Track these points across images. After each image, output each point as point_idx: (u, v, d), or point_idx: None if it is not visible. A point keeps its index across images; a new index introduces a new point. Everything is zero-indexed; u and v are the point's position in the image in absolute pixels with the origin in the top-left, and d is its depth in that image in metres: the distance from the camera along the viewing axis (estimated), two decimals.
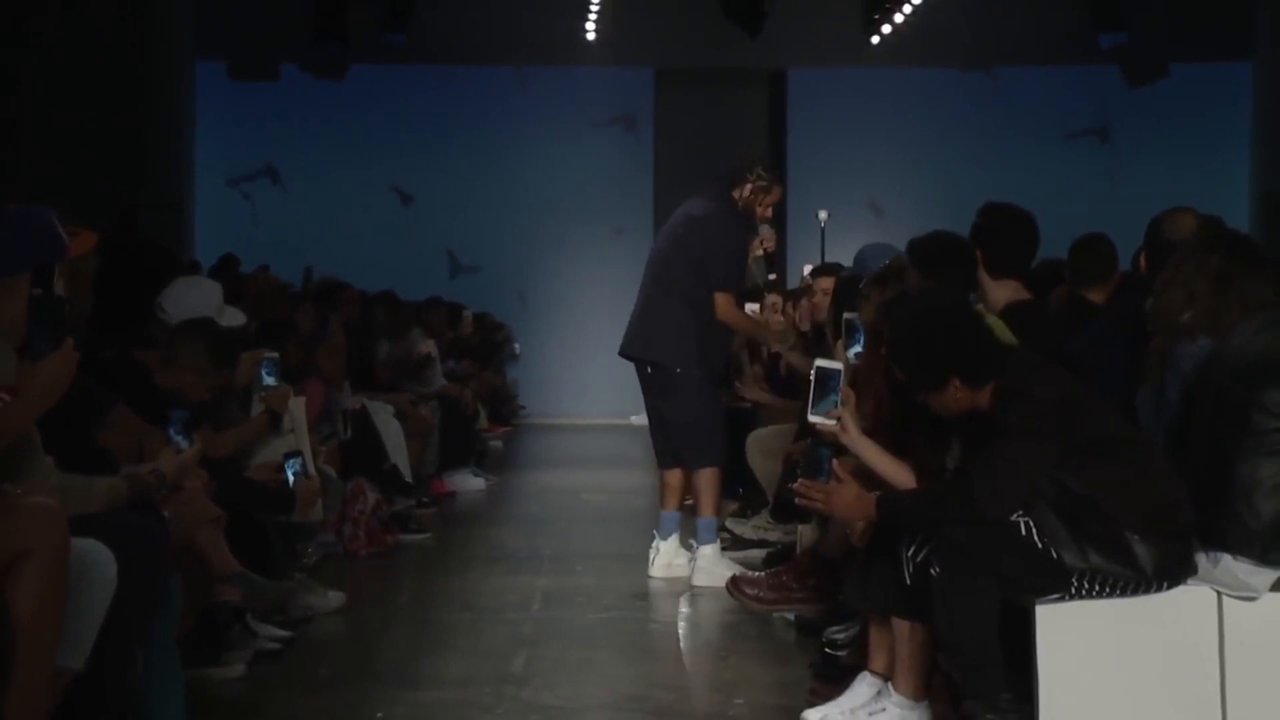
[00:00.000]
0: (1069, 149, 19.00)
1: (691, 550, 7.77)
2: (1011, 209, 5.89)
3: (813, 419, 4.90)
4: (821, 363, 4.95)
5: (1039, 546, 4.40)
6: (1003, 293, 5.70)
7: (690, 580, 7.65)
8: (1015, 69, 19.05)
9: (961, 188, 16.10)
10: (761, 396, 8.58)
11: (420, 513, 9.78)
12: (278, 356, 6.97)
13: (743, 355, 10.27)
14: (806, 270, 11.13)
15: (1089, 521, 4.40)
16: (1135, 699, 4.48)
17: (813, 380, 4.88)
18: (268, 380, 6.78)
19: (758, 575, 6.50)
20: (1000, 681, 4.41)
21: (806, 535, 6.61)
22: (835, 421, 4.84)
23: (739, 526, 8.65)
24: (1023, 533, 4.41)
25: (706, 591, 7.38)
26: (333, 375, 8.86)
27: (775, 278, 8.53)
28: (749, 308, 9.81)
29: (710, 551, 7.69)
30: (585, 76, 19.05)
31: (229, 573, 5.75)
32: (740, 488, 8.93)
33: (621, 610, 7.24)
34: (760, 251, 8.26)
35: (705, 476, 7.80)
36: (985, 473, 4.42)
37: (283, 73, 18.75)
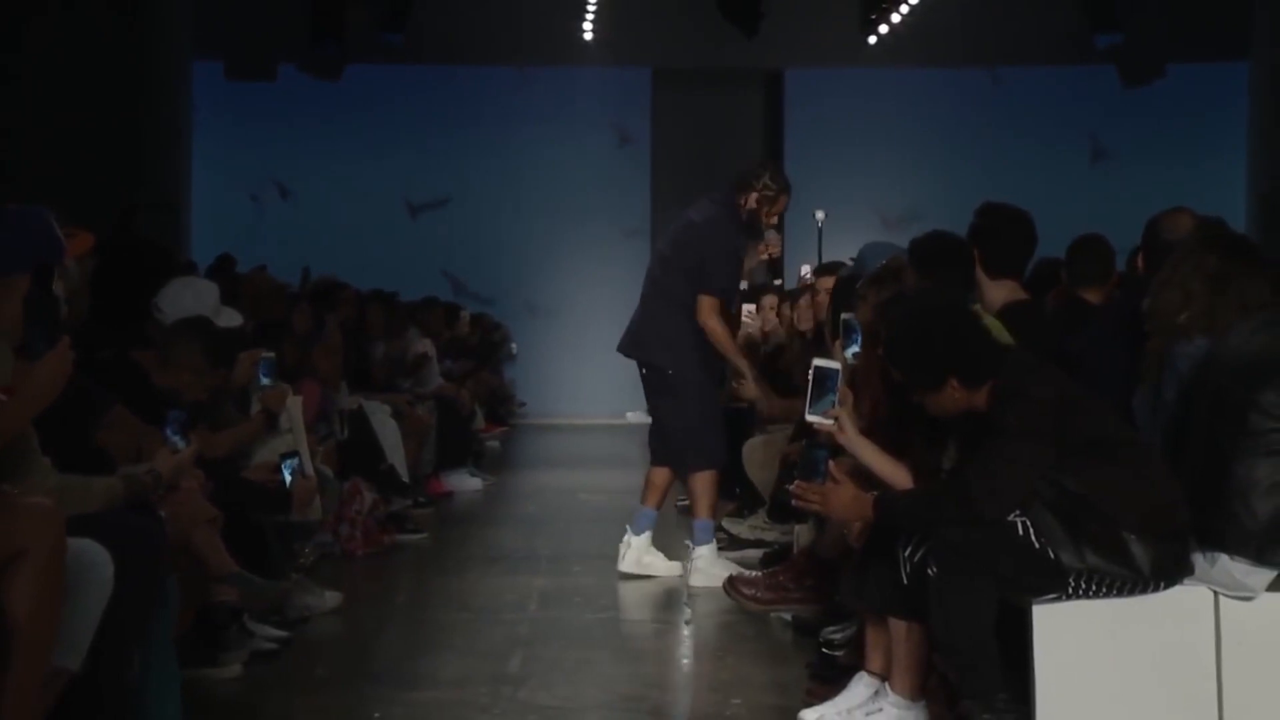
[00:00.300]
0: (1065, 149, 19.00)
1: (687, 551, 7.77)
2: (1009, 209, 5.89)
3: (810, 418, 4.90)
4: (820, 362, 4.95)
5: (1036, 546, 4.40)
6: (1000, 293, 5.70)
7: (687, 581, 7.65)
8: (1012, 69, 19.06)
9: (959, 188, 16.11)
10: (757, 396, 8.56)
11: (417, 513, 9.78)
12: (274, 356, 6.97)
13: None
14: (804, 270, 11.12)
15: (1086, 521, 4.40)
16: (1132, 699, 4.48)
17: (811, 380, 4.88)
18: (264, 380, 6.78)
19: (755, 575, 6.51)
20: (997, 681, 4.41)
21: (803, 535, 6.61)
22: (833, 421, 4.84)
23: (736, 526, 8.66)
24: (1020, 533, 4.41)
25: (704, 592, 7.38)
26: (329, 375, 8.86)
27: (780, 283, 8.51)
28: (745, 309, 9.82)
29: (707, 552, 7.69)
30: (582, 77, 19.05)
31: (226, 573, 5.75)
32: (737, 488, 8.93)
33: (618, 610, 7.24)
34: (765, 256, 8.24)
35: (701, 479, 7.79)
36: (982, 473, 4.42)
37: (280, 73, 18.75)
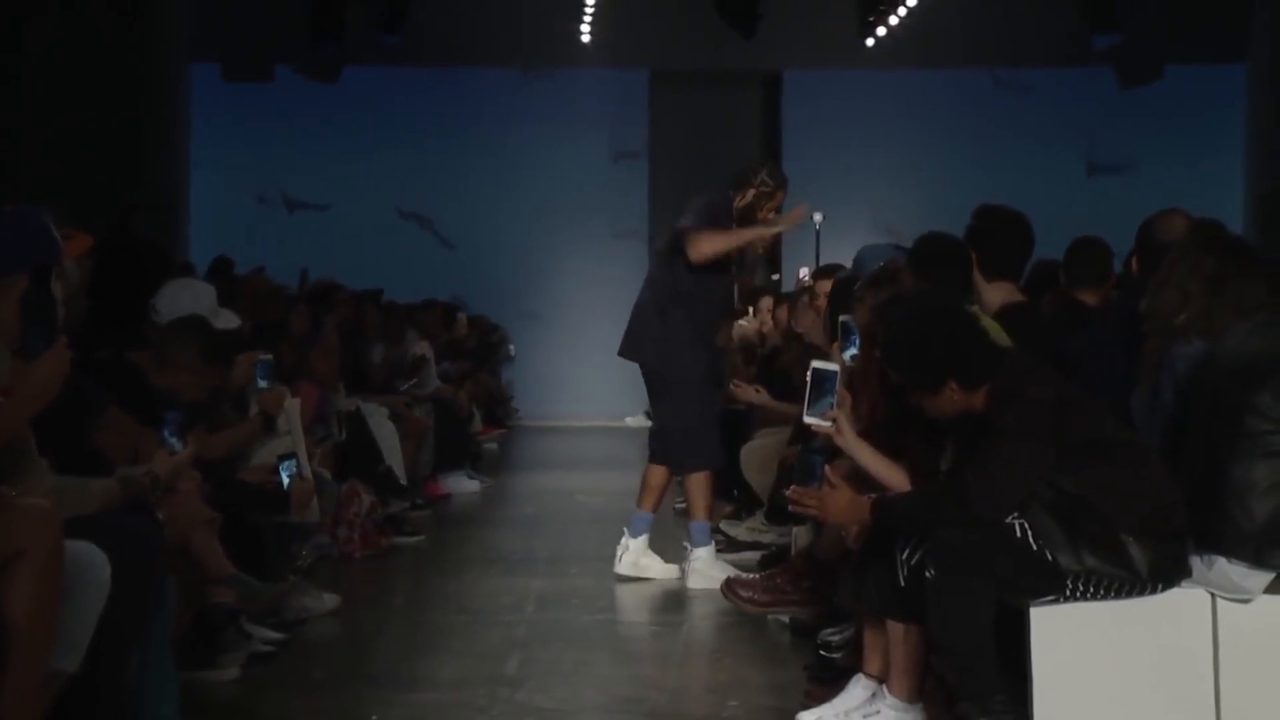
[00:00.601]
0: (1063, 151, 19.00)
1: (685, 553, 7.77)
2: (1006, 211, 5.89)
3: (808, 420, 4.91)
4: (818, 364, 4.95)
5: (1033, 548, 4.40)
6: (997, 294, 5.71)
7: (685, 583, 7.65)
8: (1010, 71, 19.06)
9: (957, 189, 16.10)
10: (755, 398, 8.58)
11: (415, 515, 9.78)
12: (272, 358, 6.97)
13: (737, 357, 10.27)
14: (802, 273, 11.12)
15: (1084, 523, 4.40)
16: (1129, 701, 4.48)
17: (809, 382, 4.89)
18: (262, 382, 6.77)
19: (752, 577, 6.50)
20: (995, 683, 4.41)
21: (801, 537, 6.61)
22: (830, 423, 4.84)
23: (733, 528, 8.65)
24: (1017, 535, 4.41)
25: (701, 594, 7.38)
26: (327, 377, 8.86)
27: (778, 277, 8.47)
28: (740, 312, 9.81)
29: (705, 554, 7.69)
30: (580, 78, 19.05)
31: (223, 575, 5.75)
32: (735, 490, 8.93)
33: (616, 612, 7.24)
34: (761, 251, 8.22)
35: (696, 481, 7.79)
36: (981, 474, 4.42)
37: (277, 74, 18.75)
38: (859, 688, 4.87)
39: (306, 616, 6.68)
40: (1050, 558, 4.39)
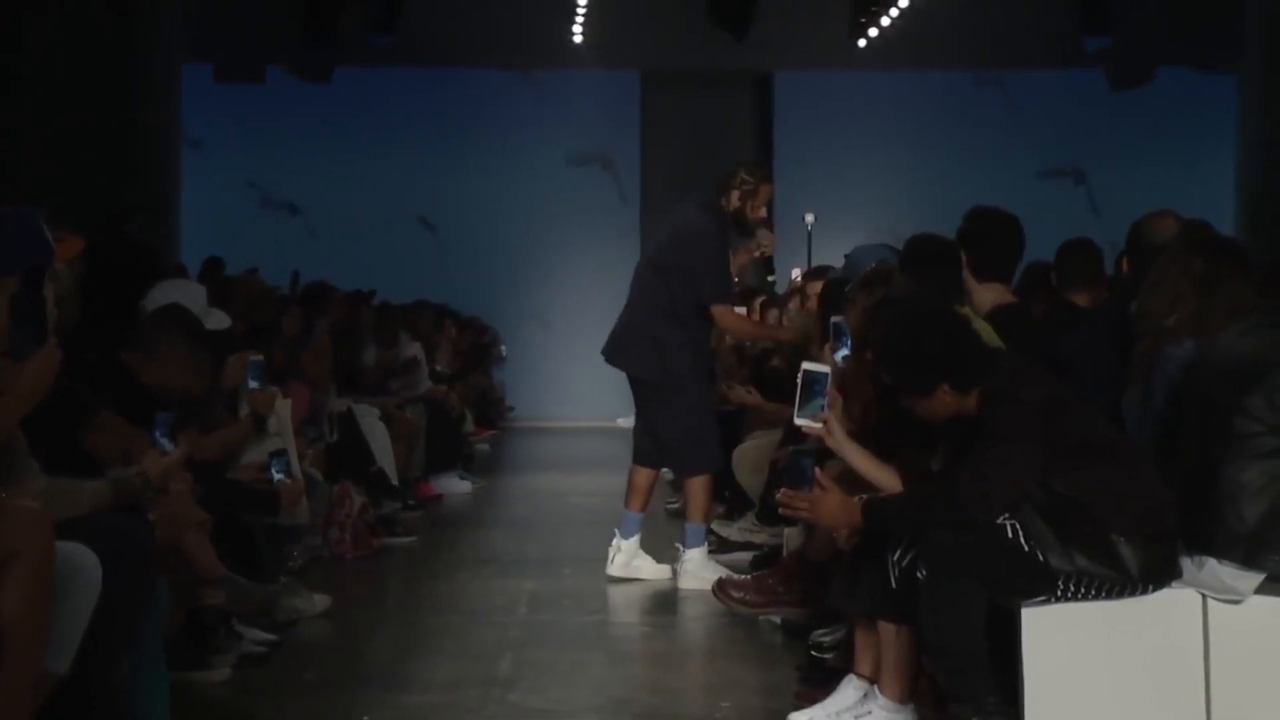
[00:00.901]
0: (1054, 153, 19.03)
1: (677, 554, 7.77)
2: (997, 213, 5.91)
3: (799, 422, 4.91)
4: (808, 366, 4.96)
5: (1025, 549, 4.41)
6: (988, 296, 5.72)
7: (677, 583, 7.65)
8: (1001, 73, 19.09)
9: (949, 191, 16.13)
10: (747, 399, 8.58)
11: (407, 516, 9.77)
12: (263, 359, 6.96)
13: (730, 358, 10.27)
14: (795, 274, 11.12)
15: (1075, 524, 4.40)
16: (1120, 701, 4.48)
17: (799, 383, 4.89)
18: (253, 383, 6.77)
19: (744, 578, 6.51)
20: (986, 684, 4.42)
21: (793, 539, 6.61)
22: (821, 425, 4.84)
23: (725, 529, 8.66)
24: (1009, 535, 4.42)
25: (693, 595, 7.38)
26: (319, 378, 8.85)
27: (774, 279, 8.45)
28: (737, 311, 9.80)
29: (697, 555, 7.69)
30: (572, 79, 19.05)
31: (215, 576, 5.74)
32: (726, 491, 8.93)
33: (608, 613, 7.24)
34: (757, 254, 8.20)
35: (696, 482, 7.79)
36: (973, 475, 4.42)
37: (269, 75, 18.74)
38: (851, 688, 4.88)
39: (298, 617, 6.67)
40: (1041, 558, 4.40)
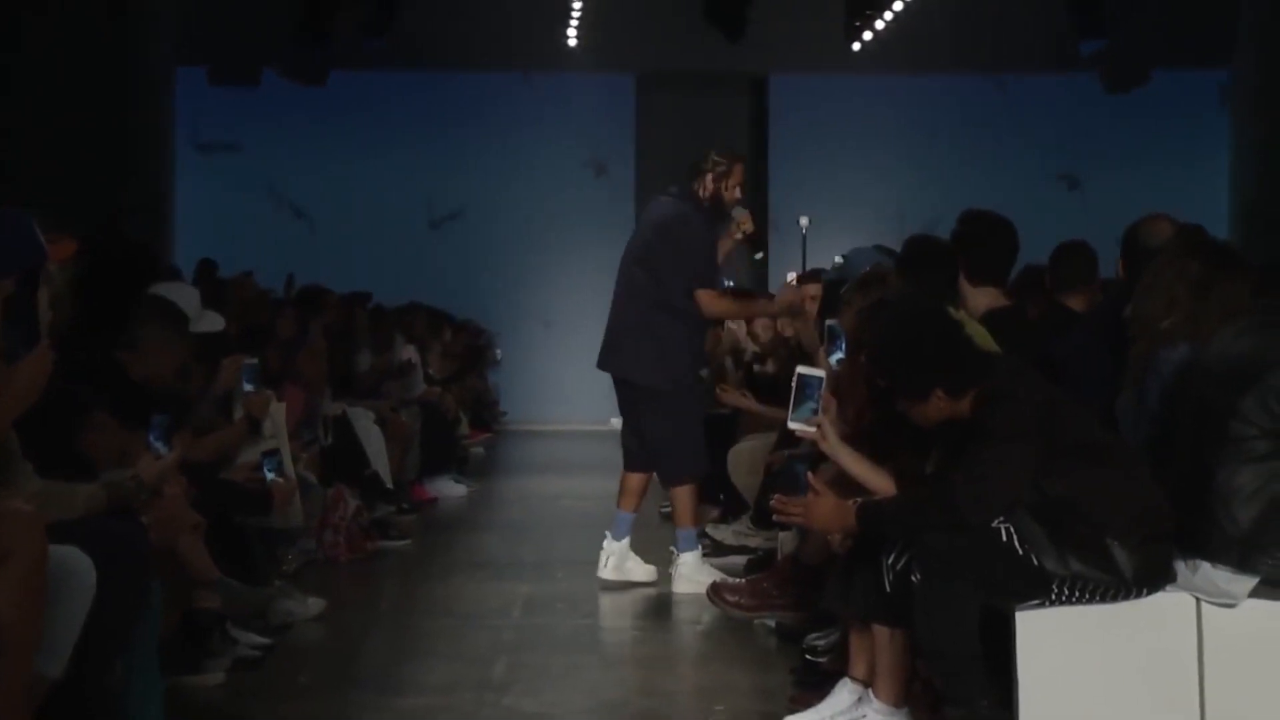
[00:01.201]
0: (1049, 155, 19.04)
1: (671, 558, 7.77)
2: (992, 216, 5.91)
3: (793, 425, 4.91)
4: (802, 370, 4.96)
5: (1019, 553, 4.41)
6: (982, 299, 5.72)
7: (671, 587, 7.64)
8: (996, 76, 19.10)
9: (944, 194, 16.14)
10: (741, 403, 8.58)
11: (401, 519, 9.76)
12: (257, 362, 6.96)
13: (726, 361, 10.27)
14: (790, 278, 11.11)
15: (1069, 527, 4.40)
16: (1115, 705, 4.48)
17: (793, 387, 4.89)
18: (247, 386, 6.76)
19: (738, 582, 6.51)
20: (981, 688, 4.41)
21: (787, 542, 6.61)
22: (815, 429, 4.84)
23: (719, 532, 8.65)
24: (1003, 539, 4.42)
25: (687, 598, 7.38)
26: (314, 381, 8.84)
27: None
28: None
29: (691, 559, 7.68)
30: (567, 82, 19.05)
31: (209, 579, 5.74)
32: (721, 494, 8.93)
33: (603, 617, 7.24)
34: (740, 235, 8.08)
35: (680, 491, 7.75)
36: (969, 477, 4.42)
37: (264, 78, 18.74)
38: (845, 692, 4.87)
39: (292, 621, 6.66)
40: (1036, 562, 4.40)
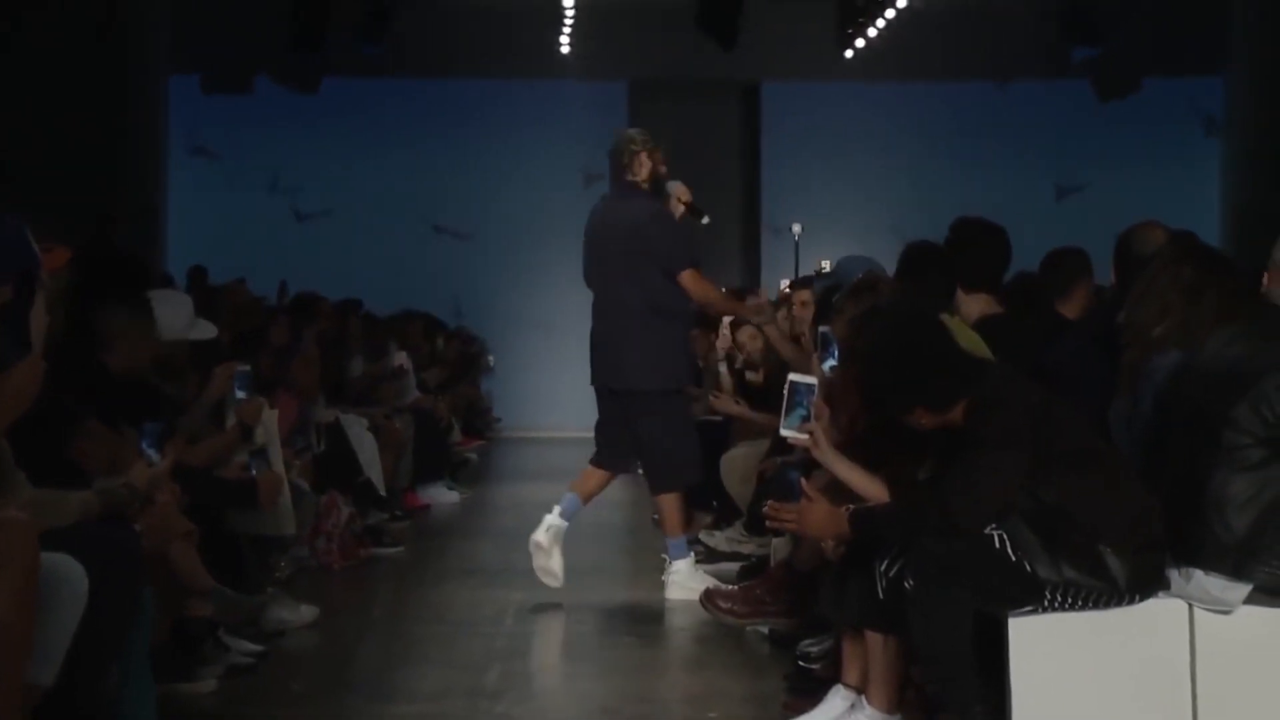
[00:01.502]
0: (1042, 163, 19.06)
1: (665, 566, 7.76)
2: (984, 223, 5.93)
3: (784, 433, 4.91)
4: (794, 377, 4.96)
5: (1012, 559, 4.41)
6: (975, 306, 5.73)
7: (664, 594, 7.64)
8: (988, 83, 19.12)
9: (936, 200, 16.15)
10: (734, 410, 8.57)
11: (394, 526, 9.75)
12: (250, 369, 6.95)
13: (720, 368, 10.25)
14: (784, 285, 11.11)
15: (1062, 534, 4.41)
16: (1107, 711, 4.49)
17: (785, 395, 4.89)
18: (240, 393, 6.75)
19: (731, 589, 6.52)
20: (974, 694, 4.42)
21: (780, 548, 6.62)
22: (807, 436, 4.84)
23: (713, 539, 8.65)
24: (996, 546, 4.42)
25: (680, 605, 7.37)
26: (307, 388, 8.84)
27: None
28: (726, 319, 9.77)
29: (684, 566, 7.68)
30: (560, 89, 19.06)
31: (201, 586, 5.73)
32: (714, 500, 8.93)
33: (595, 623, 7.23)
34: (681, 209, 7.98)
35: (667, 500, 7.71)
36: (962, 483, 4.42)
37: (257, 86, 18.74)
38: (838, 699, 4.88)
39: (285, 628, 6.66)
40: (1029, 568, 4.40)
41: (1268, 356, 4.43)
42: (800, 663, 5.65)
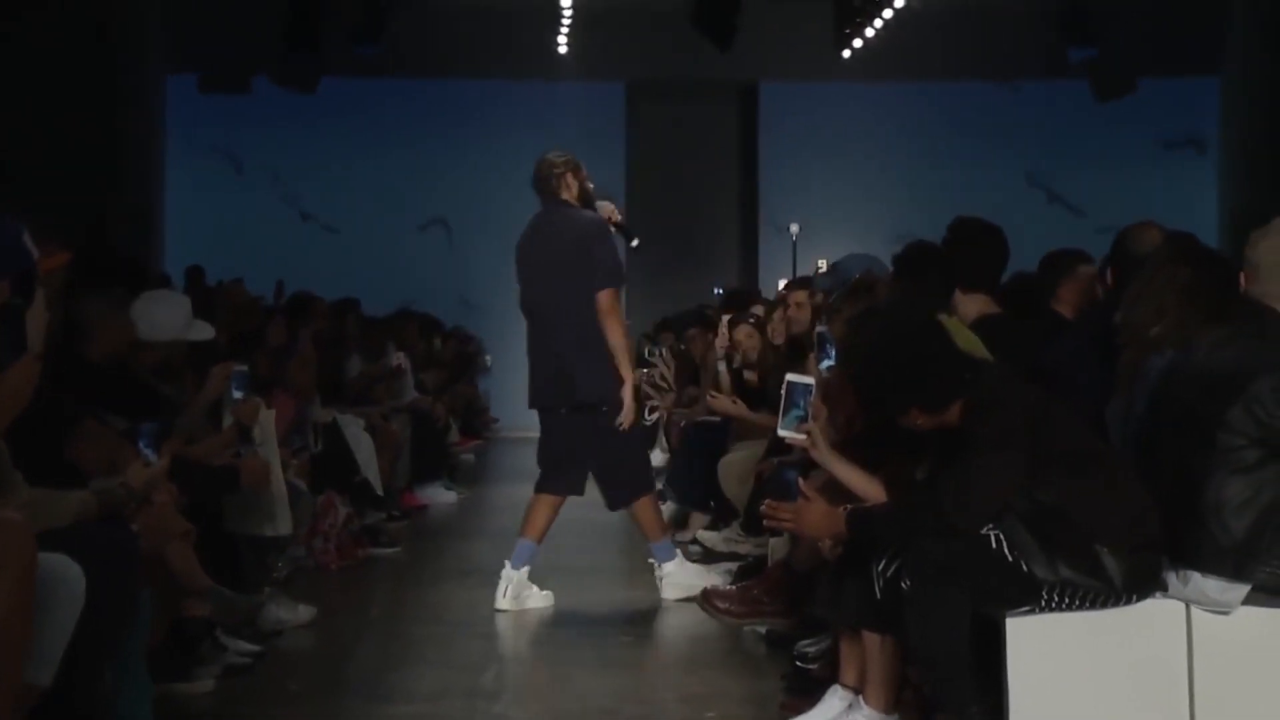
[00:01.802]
0: (1038, 163, 19.08)
1: (656, 570, 7.65)
2: (981, 223, 5.93)
3: (782, 433, 4.91)
4: (792, 377, 4.96)
5: (1009, 559, 4.41)
6: (973, 306, 5.73)
7: (661, 594, 7.63)
8: (984, 84, 19.14)
9: (933, 201, 16.16)
10: (732, 410, 8.57)
11: (391, 526, 9.76)
12: (247, 369, 6.94)
13: (719, 366, 10.25)
14: (782, 285, 11.12)
15: (1059, 534, 4.41)
16: (1105, 712, 4.49)
17: (783, 395, 4.90)
18: (236, 393, 6.74)
19: (729, 589, 6.51)
20: (971, 694, 4.42)
21: (778, 549, 6.62)
22: (804, 436, 4.85)
23: (710, 539, 8.65)
24: (993, 546, 4.42)
25: (676, 606, 7.37)
26: (304, 388, 8.84)
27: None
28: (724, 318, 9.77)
29: (673, 566, 7.57)
30: (557, 90, 19.07)
31: (199, 587, 5.73)
32: (712, 501, 8.93)
33: (592, 624, 7.23)
34: (612, 227, 7.90)
35: (642, 506, 7.58)
36: (958, 484, 4.43)
37: (254, 85, 18.75)
38: (835, 699, 4.88)
39: (282, 628, 6.66)
40: (1026, 569, 4.41)
41: (1260, 358, 4.43)
42: (798, 663, 5.65)
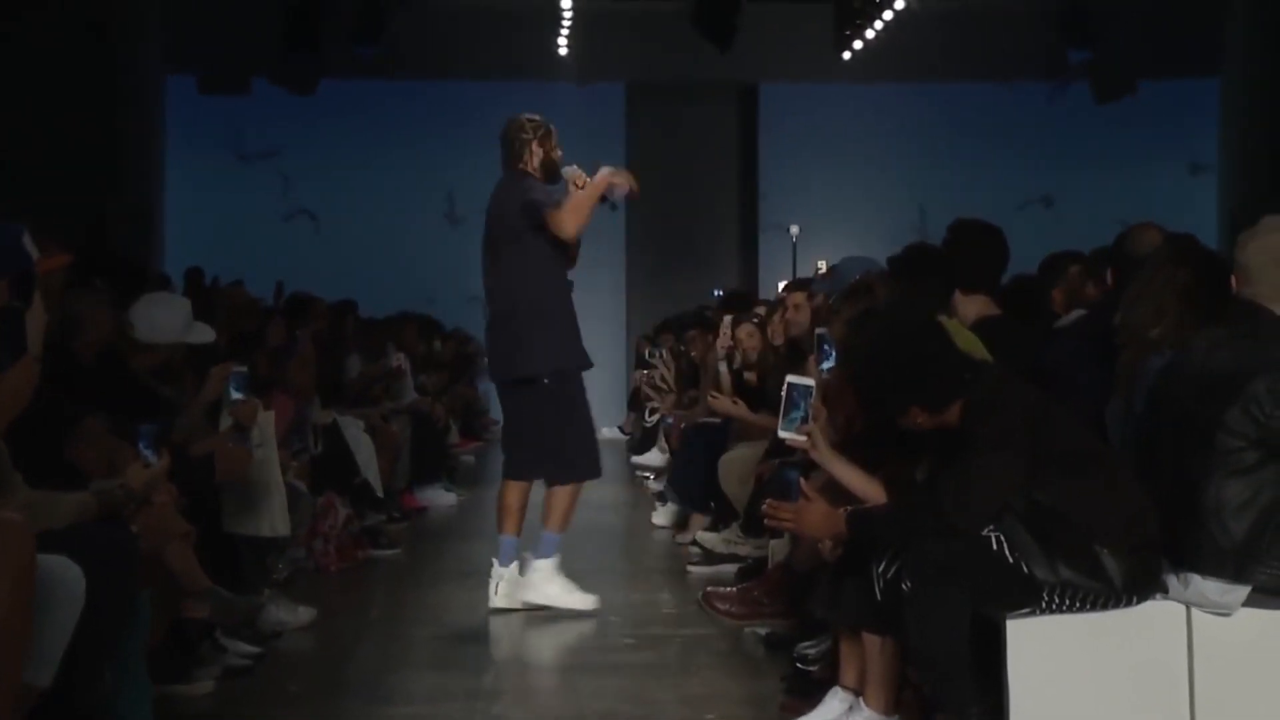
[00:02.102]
0: (1039, 164, 19.09)
1: (525, 562, 7.30)
2: (981, 224, 5.93)
3: (782, 435, 4.91)
4: (792, 379, 4.96)
5: (1009, 561, 4.41)
6: (972, 308, 5.73)
7: (523, 597, 7.21)
8: (984, 85, 19.15)
9: (933, 202, 16.17)
10: (732, 410, 8.57)
11: (391, 528, 9.75)
12: (246, 370, 6.94)
13: (720, 366, 10.25)
14: (782, 285, 11.13)
15: (1059, 535, 4.41)
16: (1105, 713, 4.49)
17: (783, 396, 4.90)
18: (235, 395, 6.73)
19: (729, 590, 6.51)
20: (971, 695, 4.42)
21: (778, 550, 6.62)
22: (805, 438, 4.84)
23: (710, 540, 8.65)
24: (993, 547, 4.42)
25: (679, 606, 7.36)
26: (303, 389, 8.83)
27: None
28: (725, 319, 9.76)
29: (546, 566, 7.23)
30: (557, 91, 19.07)
31: (198, 588, 5.73)
32: (712, 501, 8.93)
33: (591, 625, 7.22)
34: (574, 187, 7.74)
35: (565, 491, 7.35)
36: (957, 485, 4.43)
37: (253, 86, 18.76)
38: (835, 700, 4.88)
39: (282, 630, 6.65)
40: (1026, 570, 4.40)
41: (1256, 358, 4.43)
42: (798, 664, 5.65)
